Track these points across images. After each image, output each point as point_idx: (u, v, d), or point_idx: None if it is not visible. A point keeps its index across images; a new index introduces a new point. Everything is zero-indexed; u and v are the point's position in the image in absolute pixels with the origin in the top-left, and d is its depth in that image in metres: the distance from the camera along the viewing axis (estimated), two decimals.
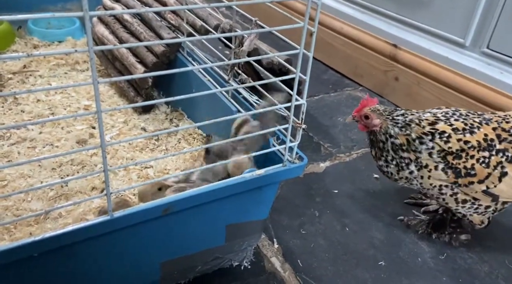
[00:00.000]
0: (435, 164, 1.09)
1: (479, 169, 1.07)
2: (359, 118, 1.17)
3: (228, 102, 1.23)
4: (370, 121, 1.13)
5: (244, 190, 0.90)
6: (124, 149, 1.35)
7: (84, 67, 1.81)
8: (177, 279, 1.02)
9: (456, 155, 1.07)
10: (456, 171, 1.08)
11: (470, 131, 1.09)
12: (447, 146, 1.07)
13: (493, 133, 1.10)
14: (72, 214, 1.09)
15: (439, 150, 1.08)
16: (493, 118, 1.14)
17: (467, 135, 1.08)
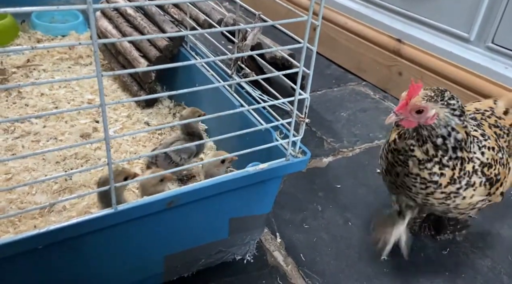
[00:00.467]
0: (480, 179, 0.95)
1: (502, 172, 0.99)
2: (407, 114, 0.88)
3: (231, 97, 1.23)
4: (424, 114, 0.87)
5: (248, 184, 0.91)
6: (128, 143, 1.36)
7: (88, 61, 1.81)
8: (180, 272, 1.03)
9: (489, 165, 0.96)
10: (491, 181, 0.97)
11: (485, 135, 0.99)
12: (485, 158, 0.95)
13: (492, 132, 1.04)
14: (76, 207, 1.09)
15: (482, 163, 0.95)
16: (476, 116, 1.07)
17: (488, 140, 0.98)
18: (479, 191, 0.96)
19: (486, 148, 0.96)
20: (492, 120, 1.07)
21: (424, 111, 0.86)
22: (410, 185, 0.96)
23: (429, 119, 0.87)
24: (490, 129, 1.03)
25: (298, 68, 0.84)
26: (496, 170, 0.97)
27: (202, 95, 1.44)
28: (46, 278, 0.82)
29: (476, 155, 0.95)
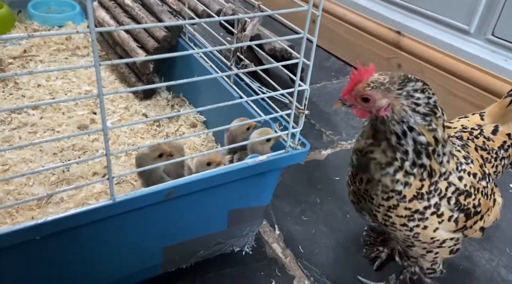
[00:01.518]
0: (450, 213, 0.81)
1: (484, 204, 0.86)
2: (353, 101, 0.76)
3: (230, 88, 1.22)
4: (372, 104, 0.73)
5: (247, 175, 0.90)
6: (126, 134, 1.35)
7: (85, 52, 1.79)
8: (179, 263, 1.03)
9: (467, 193, 0.82)
10: (468, 212, 0.83)
11: (468, 157, 0.85)
12: (462, 184, 0.81)
13: (478, 157, 0.90)
14: (74, 198, 1.09)
15: (455, 191, 0.81)
16: (462, 135, 0.94)
17: (471, 164, 0.84)
18: (445, 225, 0.81)
19: (465, 173, 0.81)
20: (480, 141, 0.93)
21: (371, 100, 0.73)
22: (373, 194, 0.81)
23: (381, 110, 0.73)
24: (476, 151, 0.90)
25: (298, 59, 0.83)
26: (476, 201, 0.83)
27: (201, 87, 1.43)
28: (44, 268, 0.81)
29: (451, 177, 0.80)
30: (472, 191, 0.83)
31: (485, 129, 0.97)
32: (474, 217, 0.85)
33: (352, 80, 0.76)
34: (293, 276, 1.07)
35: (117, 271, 0.93)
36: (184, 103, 1.53)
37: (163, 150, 0.90)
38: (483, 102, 1.57)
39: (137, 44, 1.49)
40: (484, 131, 0.96)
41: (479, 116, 1.01)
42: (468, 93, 1.62)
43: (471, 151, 0.90)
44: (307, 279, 1.07)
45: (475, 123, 0.99)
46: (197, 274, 1.05)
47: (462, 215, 0.83)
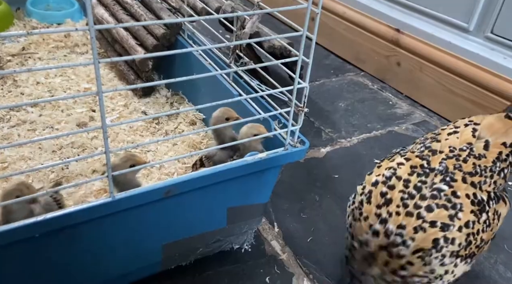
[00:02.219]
0: (453, 269, 0.83)
1: (487, 236, 0.87)
2: None
3: (229, 86, 1.22)
4: None
5: (246, 173, 0.90)
6: (125, 132, 1.35)
7: (84, 49, 1.79)
8: (178, 261, 1.03)
9: (466, 245, 0.82)
10: (471, 255, 0.86)
11: (456, 207, 0.81)
12: (456, 248, 0.81)
13: (469, 187, 0.84)
14: (73, 196, 1.09)
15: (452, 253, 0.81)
16: (448, 164, 0.87)
17: (459, 214, 0.81)
18: (461, 267, 0.85)
19: (455, 231, 0.80)
20: (469, 165, 0.87)
21: None
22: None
23: None
24: (465, 183, 0.84)
25: (297, 57, 0.83)
26: (477, 242, 0.84)
27: (200, 85, 1.43)
28: (43, 266, 0.81)
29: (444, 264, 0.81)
30: (471, 238, 0.82)
31: (476, 147, 0.91)
32: (480, 250, 0.87)
33: None
34: (292, 273, 1.08)
35: (116, 269, 0.93)
36: (183, 101, 1.53)
37: (135, 161, 0.88)
38: (482, 100, 1.57)
39: (136, 41, 1.49)
40: (474, 149, 0.90)
41: (471, 132, 0.94)
42: (467, 91, 1.63)
43: (458, 186, 0.83)
44: (306, 276, 1.07)
45: (465, 141, 0.92)
46: (196, 272, 1.05)
47: (468, 260, 0.85)
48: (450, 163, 0.87)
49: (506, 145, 0.93)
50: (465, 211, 0.81)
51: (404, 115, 1.76)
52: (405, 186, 0.84)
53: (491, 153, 0.91)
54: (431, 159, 0.89)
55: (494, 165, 0.90)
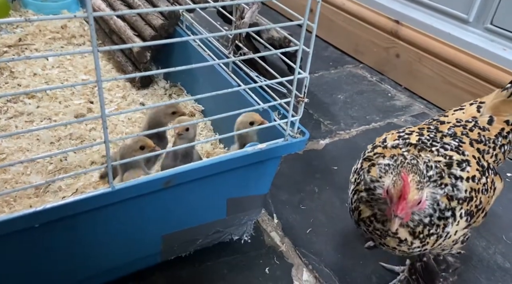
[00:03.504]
0: (458, 219, 0.87)
1: (484, 199, 0.90)
2: (408, 212, 0.80)
3: (228, 77, 1.22)
4: (422, 203, 0.80)
5: (246, 164, 0.90)
6: (123, 124, 1.34)
7: (81, 41, 1.77)
8: (177, 252, 1.03)
9: (469, 198, 0.86)
10: (471, 214, 0.88)
11: (465, 160, 0.87)
12: (463, 194, 0.85)
13: (475, 151, 0.91)
14: (72, 187, 1.09)
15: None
16: (456, 130, 0.94)
17: (467, 168, 0.86)
18: (462, 223, 0.87)
19: (463, 181, 0.85)
20: (475, 134, 0.94)
21: (422, 201, 0.79)
22: (384, 243, 0.88)
23: (422, 205, 0.80)
24: (472, 147, 0.91)
25: (297, 47, 0.82)
26: (477, 201, 0.88)
27: (198, 76, 1.43)
28: (43, 256, 0.81)
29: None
30: (473, 194, 0.86)
31: (480, 120, 0.97)
32: (477, 213, 0.89)
33: (404, 195, 0.77)
34: (291, 264, 1.08)
35: (116, 259, 0.93)
36: (182, 92, 1.52)
37: (145, 143, 0.89)
38: (481, 91, 1.57)
39: (134, 32, 1.48)
40: (478, 122, 0.97)
41: (476, 108, 1.01)
42: (466, 82, 1.62)
43: (466, 147, 0.90)
44: (305, 267, 1.07)
45: (470, 115, 0.99)
46: (195, 262, 1.05)
47: (469, 217, 0.87)
48: (458, 130, 0.95)
49: (509, 123, 0.98)
50: (472, 167, 0.87)
51: (403, 107, 1.76)
52: (419, 134, 0.91)
53: (494, 128, 0.97)
54: (439, 126, 0.95)
55: (496, 139, 0.96)
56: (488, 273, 1.10)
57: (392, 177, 0.78)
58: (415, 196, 0.76)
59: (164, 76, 1.57)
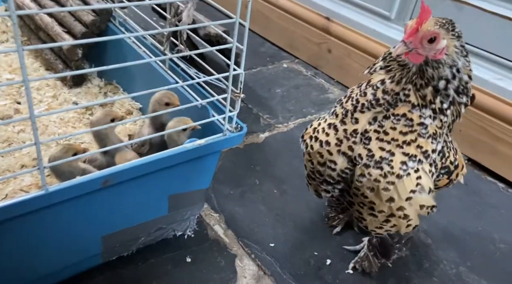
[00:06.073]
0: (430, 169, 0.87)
1: (459, 158, 0.93)
2: (418, 44, 0.74)
3: (165, 74, 1.21)
4: (436, 44, 0.73)
5: (186, 160, 0.91)
6: (55, 124, 1.29)
7: (3, 38, 1.66)
8: (119, 251, 1.02)
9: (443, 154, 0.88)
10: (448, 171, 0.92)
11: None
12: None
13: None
14: (1, 193, 1.03)
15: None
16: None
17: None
18: (428, 180, 0.86)
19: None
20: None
21: (437, 39, 0.73)
22: (388, 128, 0.83)
23: (438, 53, 0.74)
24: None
25: (231, 44, 0.85)
26: (451, 157, 0.90)
27: (134, 73, 1.40)
28: None
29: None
30: (445, 149, 0.88)
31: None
32: (455, 171, 0.92)
33: (420, 19, 0.73)
34: (235, 254, 1.11)
35: (53, 263, 0.90)
36: (117, 90, 1.48)
37: (76, 150, 0.87)
38: None
39: (63, 29, 1.42)
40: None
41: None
42: None
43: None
44: (247, 256, 1.11)
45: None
46: (139, 261, 1.05)
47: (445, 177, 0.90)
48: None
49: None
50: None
51: (336, 99, 1.85)
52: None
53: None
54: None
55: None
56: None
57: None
58: (429, 27, 0.72)
59: (98, 73, 1.53)
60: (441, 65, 0.76)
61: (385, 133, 0.84)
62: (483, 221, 1.33)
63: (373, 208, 0.90)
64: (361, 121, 0.86)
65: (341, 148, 0.88)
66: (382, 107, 0.83)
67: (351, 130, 0.87)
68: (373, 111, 0.85)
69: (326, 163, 0.90)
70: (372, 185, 0.86)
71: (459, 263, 1.18)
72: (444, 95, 0.79)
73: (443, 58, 0.76)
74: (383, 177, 0.85)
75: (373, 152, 0.84)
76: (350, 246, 1.17)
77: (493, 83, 1.45)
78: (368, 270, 1.09)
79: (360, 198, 0.90)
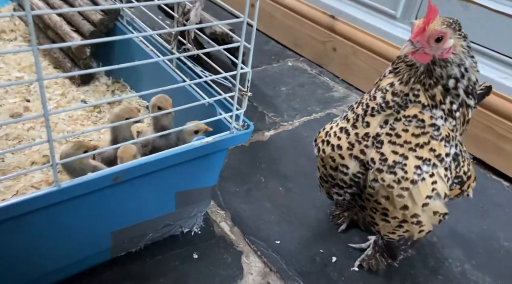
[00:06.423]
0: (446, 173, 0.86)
1: (472, 169, 0.94)
2: (424, 43, 0.75)
3: (172, 72, 1.23)
4: (443, 43, 0.74)
5: (194, 157, 0.92)
6: (64, 122, 1.30)
7: (12, 36, 1.68)
8: (127, 247, 1.03)
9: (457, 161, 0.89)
10: (461, 181, 0.91)
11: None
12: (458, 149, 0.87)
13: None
14: (11, 189, 1.05)
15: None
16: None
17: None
18: (443, 185, 0.85)
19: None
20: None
21: (444, 38, 0.74)
22: (400, 131, 0.82)
23: (445, 52, 0.75)
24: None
25: (239, 43, 0.86)
26: (465, 167, 0.90)
27: (142, 72, 1.42)
28: None
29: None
30: (460, 158, 0.88)
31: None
32: (467, 182, 0.92)
33: (427, 19, 0.74)
34: (241, 251, 1.13)
35: (63, 258, 0.91)
36: (125, 89, 1.50)
37: (87, 147, 0.89)
38: None
39: (71, 27, 1.43)
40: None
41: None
42: None
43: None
44: (254, 253, 1.13)
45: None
46: (147, 257, 1.06)
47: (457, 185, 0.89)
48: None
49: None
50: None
51: (341, 98, 1.86)
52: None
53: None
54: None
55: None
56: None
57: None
58: (436, 26, 0.73)
59: (106, 72, 1.54)
60: (449, 64, 0.77)
61: (397, 135, 0.83)
62: (488, 220, 1.33)
63: (387, 214, 0.89)
64: (372, 125, 0.85)
65: (353, 152, 0.87)
66: (393, 109, 0.83)
67: (363, 134, 0.86)
68: (383, 114, 0.84)
69: (338, 167, 0.90)
70: (386, 192, 0.85)
71: (464, 261, 1.18)
72: (454, 95, 0.80)
73: (450, 57, 0.77)
74: (397, 183, 0.84)
75: (386, 156, 0.83)
76: (355, 244, 1.18)
77: (498, 82, 1.45)
78: (375, 268, 1.10)
79: (373, 203, 0.90)
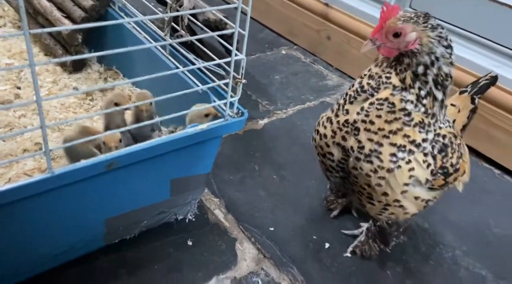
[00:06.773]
0: (428, 160, 0.88)
1: (461, 164, 0.94)
2: (384, 39, 0.80)
3: (166, 59, 1.21)
4: (402, 38, 0.78)
5: (188, 144, 0.92)
6: (56, 109, 1.29)
7: (1, 22, 1.65)
8: (122, 234, 1.03)
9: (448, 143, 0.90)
10: (446, 172, 0.91)
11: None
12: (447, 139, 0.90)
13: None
14: (3, 177, 1.04)
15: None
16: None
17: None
18: (422, 171, 0.86)
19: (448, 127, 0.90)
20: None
21: (402, 33, 0.77)
22: (374, 118, 0.84)
23: (410, 44, 0.78)
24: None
25: (233, 30, 0.85)
26: (453, 159, 0.90)
27: (135, 59, 1.40)
28: None
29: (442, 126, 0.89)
30: (449, 150, 0.89)
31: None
32: (454, 174, 0.92)
33: (382, 18, 0.79)
34: (235, 238, 1.13)
35: (57, 245, 0.91)
36: (118, 76, 1.48)
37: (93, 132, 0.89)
38: None
39: (62, 13, 1.41)
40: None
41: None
42: None
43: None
44: (248, 240, 1.13)
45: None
46: (141, 244, 1.07)
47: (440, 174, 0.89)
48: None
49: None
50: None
51: (334, 86, 1.86)
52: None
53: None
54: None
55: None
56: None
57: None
58: (392, 23, 0.77)
59: (98, 59, 1.52)
60: (417, 54, 0.80)
61: (371, 122, 0.85)
62: (479, 207, 1.35)
63: (372, 198, 0.93)
64: (351, 112, 0.88)
65: (335, 139, 0.91)
66: (367, 93, 0.86)
67: (343, 121, 0.89)
68: (360, 100, 0.87)
69: (326, 154, 0.95)
70: (366, 180, 0.89)
71: (455, 247, 1.20)
72: (422, 81, 0.81)
73: (416, 48, 0.79)
74: (374, 173, 0.86)
75: (363, 144, 0.86)
76: (348, 231, 1.19)
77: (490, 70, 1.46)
78: (368, 254, 1.12)
79: (358, 187, 0.93)
